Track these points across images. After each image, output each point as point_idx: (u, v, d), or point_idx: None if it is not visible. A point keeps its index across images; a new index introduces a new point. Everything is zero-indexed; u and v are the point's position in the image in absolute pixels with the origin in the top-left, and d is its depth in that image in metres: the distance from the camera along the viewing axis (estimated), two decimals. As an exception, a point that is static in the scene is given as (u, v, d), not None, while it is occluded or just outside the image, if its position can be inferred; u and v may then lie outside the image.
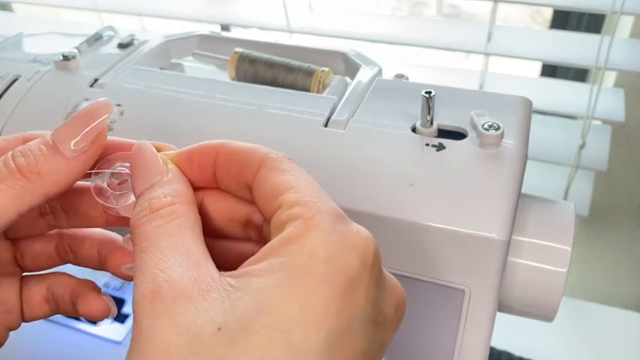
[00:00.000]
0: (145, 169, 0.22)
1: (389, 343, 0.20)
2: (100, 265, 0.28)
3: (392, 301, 0.20)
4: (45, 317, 0.28)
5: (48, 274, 0.28)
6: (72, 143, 0.22)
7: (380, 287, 0.19)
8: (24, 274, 0.28)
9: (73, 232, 0.28)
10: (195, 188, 0.23)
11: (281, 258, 0.18)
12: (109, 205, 0.24)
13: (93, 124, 0.22)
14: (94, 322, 0.30)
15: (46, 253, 0.28)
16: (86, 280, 0.28)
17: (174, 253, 0.19)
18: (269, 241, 0.19)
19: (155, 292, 0.18)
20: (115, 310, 0.28)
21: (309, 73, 0.41)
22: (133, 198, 0.24)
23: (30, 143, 0.22)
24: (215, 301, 0.17)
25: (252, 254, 0.19)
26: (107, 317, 0.27)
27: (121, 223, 0.26)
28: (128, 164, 0.24)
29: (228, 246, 0.25)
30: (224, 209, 0.24)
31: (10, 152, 0.22)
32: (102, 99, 0.23)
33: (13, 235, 0.27)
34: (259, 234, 0.24)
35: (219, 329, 0.17)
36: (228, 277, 0.18)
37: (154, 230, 0.19)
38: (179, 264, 0.18)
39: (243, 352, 0.16)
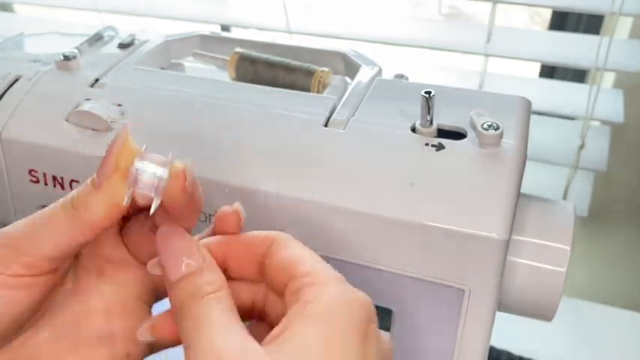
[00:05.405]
0: (179, 253, 0.24)
1: None
2: None
3: (386, 352, 0.24)
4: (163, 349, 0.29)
5: None
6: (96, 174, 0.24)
7: (379, 339, 0.23)
8: None
9: None
10: None
11: (306, 319, 0.21)
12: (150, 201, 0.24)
13: (107, 154, 0.24)
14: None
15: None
16: None
17: (225, 329, 0.22)
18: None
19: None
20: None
21: (309, 73, 0.41)
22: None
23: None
24: None
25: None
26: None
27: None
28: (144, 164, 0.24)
29: None
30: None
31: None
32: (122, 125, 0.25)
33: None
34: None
35: None
36: (265, 346, 0.21)
37: (206, 313, 0.22)
38: (232, 337, 0.22)
39: None
